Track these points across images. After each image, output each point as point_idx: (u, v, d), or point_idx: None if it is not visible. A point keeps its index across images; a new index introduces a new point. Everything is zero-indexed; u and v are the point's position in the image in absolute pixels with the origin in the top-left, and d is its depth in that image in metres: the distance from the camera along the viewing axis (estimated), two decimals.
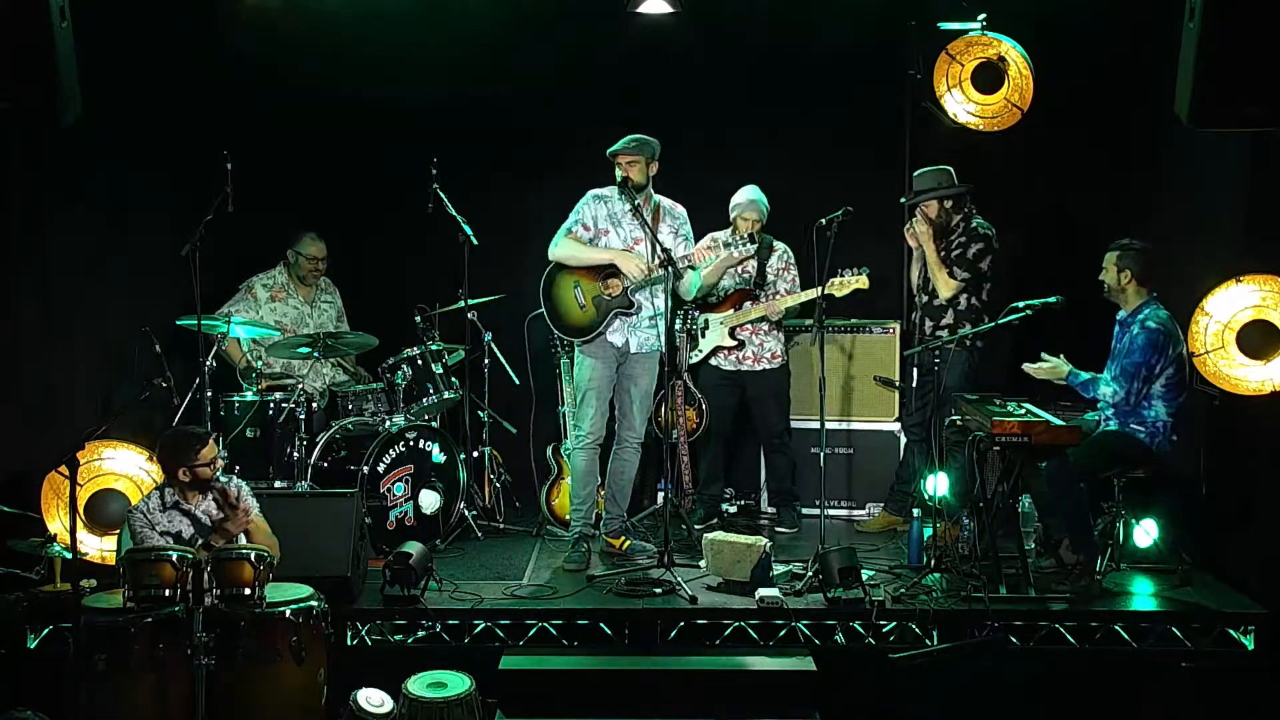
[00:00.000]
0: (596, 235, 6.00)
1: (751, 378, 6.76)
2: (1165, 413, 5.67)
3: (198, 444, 5.06)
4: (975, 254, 6.29)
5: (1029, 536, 6.01)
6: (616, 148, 5.89)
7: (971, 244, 6.30)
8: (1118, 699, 5.30)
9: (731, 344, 6.71)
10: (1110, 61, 6.67)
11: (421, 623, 5.41)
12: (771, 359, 6.74)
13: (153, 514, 5.05)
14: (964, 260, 6.30)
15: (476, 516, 6.72)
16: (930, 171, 6.35)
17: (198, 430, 5.31)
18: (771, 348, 6.74)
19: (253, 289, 6.84)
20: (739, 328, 6.70)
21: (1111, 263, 5.76)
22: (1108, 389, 5.69)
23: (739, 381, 6.78)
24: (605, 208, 6.01)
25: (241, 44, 6.72)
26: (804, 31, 6.90)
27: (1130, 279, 5.73)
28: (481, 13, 6.82)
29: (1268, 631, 5.33)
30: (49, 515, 5.82)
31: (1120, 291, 5.77)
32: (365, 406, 6.61)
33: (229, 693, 4.63)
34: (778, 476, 6.90)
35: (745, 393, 6.80)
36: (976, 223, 6.35)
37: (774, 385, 6.77)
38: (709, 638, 5.41)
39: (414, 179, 6.64)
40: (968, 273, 6.29)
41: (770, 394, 6.76)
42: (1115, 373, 5.70)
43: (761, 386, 6.76)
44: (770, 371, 6.75)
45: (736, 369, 6.76)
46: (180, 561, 4.65)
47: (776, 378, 6.77)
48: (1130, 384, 5.63)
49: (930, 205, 6.32)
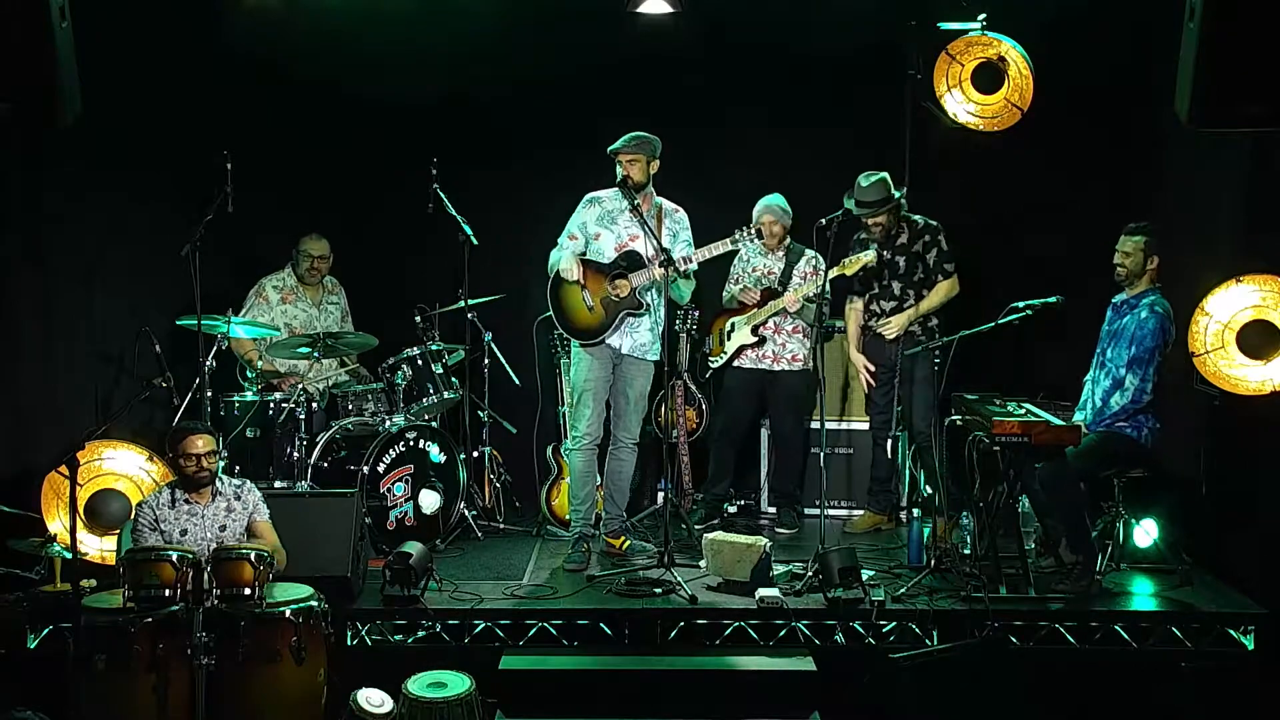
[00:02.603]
0: (587, 240, 6.02)
1: (770, 377, 6.74)
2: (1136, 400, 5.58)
3: (185, 434, 5.09)
4: (949, 244, 6.39)
5: (1029, 536, 6.01)
6: (617, 146, 5.90)
7: (937, 236, 6.40)
8: (1118, 699, 5.30)
9: (753, 340, 6.70)
10: (1110, 61, 6.67)
11: (421, 623, 5.41)
12: (792, 360, 6.71)
13: (160, 509, 5.06)
14: (945, 254, 6.39)
15: (476, 516, 6.72)
16: (876, 181, 6.27)
17: (194, 423, 5.31)
18: (793, 350, 6.71)
19: (263, 291, 6.85)
20: (761, 325, 6.70)
21: (1139, 247, 5.62)
22: (1116, 394, 5.56)
23: (760, 381, 6.76)
24: (598, 209, 6.02)
25: (241, 44, 6.72)
26: (804, 31, 6.90)
27: (1157, 263, 5.61)
28: (481, 13, 6.82)
29: (1268, 631, 5.33)
30: (49, 515, 5.82)
31: (1139, 276, 5.64)
32: (365, 406, 6.61)
33: (229, 693, 4.62)
34: (782, 478, 6.89)
35: (766, 393, 6.79)
36: (919, 218, 6.44)
37: (791, 387, 6.73)
38: (709, 638, 5.41)
39: (414, 179, 6.65)
40: (953, 262, 6.38)
41: (786, 395, 6.73)
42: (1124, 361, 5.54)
43: (779, 387, 6.74)
44: (789, 373, 6.71)
45: (756, 367, 6.74)
46: (180, 561, 4.65)
47: (795, 380, 6.72)
48: (1145, 370, 5.52)
49: (881, 215, 6.33)
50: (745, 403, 6.80)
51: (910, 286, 6.44)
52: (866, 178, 6.29)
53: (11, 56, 4.31)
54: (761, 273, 6.74)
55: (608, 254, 5.99)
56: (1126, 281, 5.71)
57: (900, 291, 6.46)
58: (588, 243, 6.01)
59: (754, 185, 6.72)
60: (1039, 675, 5.22)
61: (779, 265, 6.72)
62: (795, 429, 6.79)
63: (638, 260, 5.95)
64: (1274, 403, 5.70)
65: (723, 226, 6.39)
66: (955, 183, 7.06)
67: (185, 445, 5.06)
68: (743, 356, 6.76)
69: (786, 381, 6.72)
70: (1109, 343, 5.72)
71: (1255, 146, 5.80)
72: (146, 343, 6.23)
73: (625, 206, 5.96)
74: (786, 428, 6.80)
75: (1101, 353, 5.75)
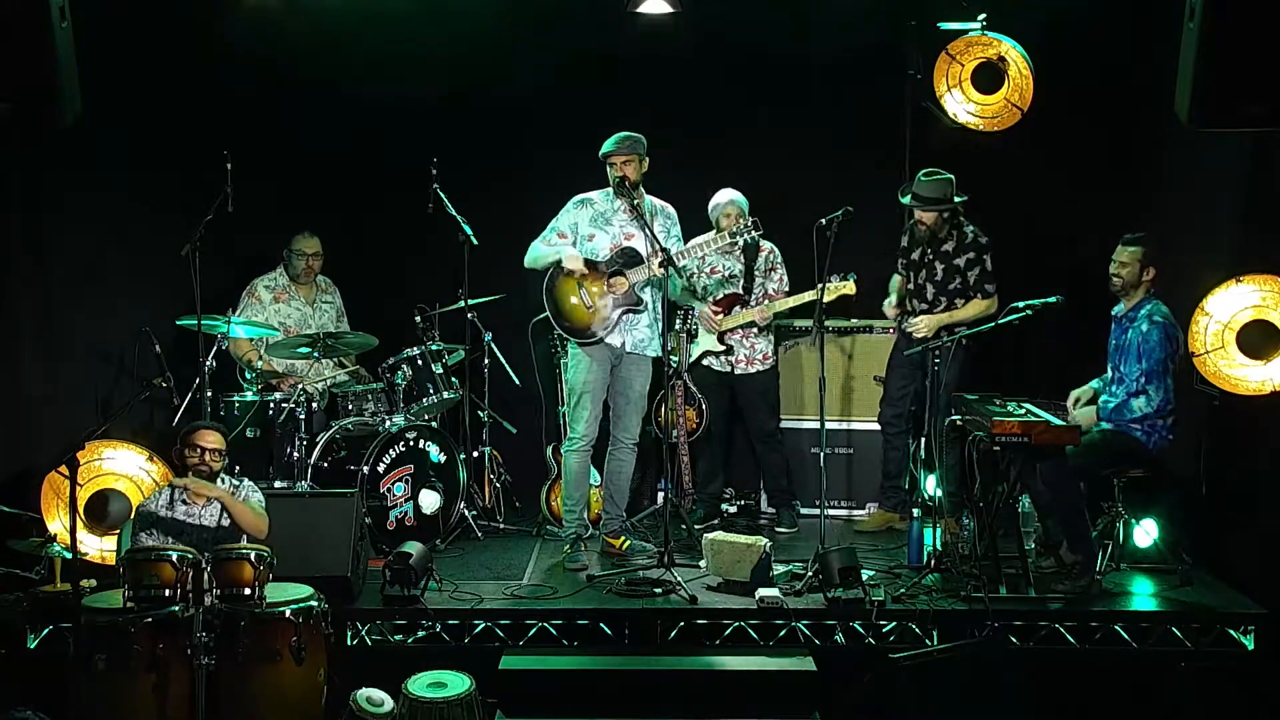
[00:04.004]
0: (579, 241, 6.02)
1: (742, 380, 6.76)
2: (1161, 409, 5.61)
3: (198, 427, 5.21)
4: (993, 263, 6.35)
5: (1029, 536, 6.01)
6: (609, 149, 5.89)
7: (982, 255, 6.35)
8: (1118, 699, 5.30)
9: (720, 349, 6.71)
10: (1110, 61, 6.66)
11: (421, 623, 5.41)
12: (763, 360, 6.75)
13: (159, 510, 5.08)
14: (987, 275, 6.35)
15: (476, 516, 6.72)
16: (938, 180, 6.28)
17: (209, 422, 5.42)
18: (762, 349, 6.74)
19: (255, 291, 6.84)
20: (728, 333, 6.70)
21: (1135, 257, 5.58)
22: (1139, 400, 5.53)
23: (730, 383, 6.79)
24: (590, 210, 6.02)
25: (241, 44, 6.72)
26: (804, 31, 6.91)
27: (1153, 274, 5.58)
28: (481, 13, 6.82)
29: (1268, 631, 5.34)
30: (49, 515, 5.82)
31: (1134, 286, 5.62)
32: (365, 406, 6.61)
33: (229, 693, 4.63)
34: (773, 475, 6.90)
35: (736, 394, 6.81)
36: (972, 230, 6.38)
37: (764, 386, 6.78)
38: (709, 638, 5.41)
39: (414, 179, 6.65)
40: (995, 283, 6.33)
41: (760, 395, 6.77)
42: (1137, 375, 5.52)
43: (752, 388, 6.76)
44: (761, 373, 6.76)
45: (728, 370, 6.76)
46: (180, 561, 4.65)
47: (766, 379, 6.78)
48: (1163, 380, 5.51)
49: (929, 214, 6.32)
50: (718, 402, 6.82)
51: (944, 294, 6.41)
52: (929, 174, 6.31)
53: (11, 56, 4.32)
54: (722, 275, 6.73)
55: (602, 254, 5.99)
56: (1122, 292, 5.68)
57: (933, 297, 6.44)
58: (580, 243, 6.02)
59: (754, 185, 6.71)
60: (1039, 675, 5.22)
61: (738, 266, 6.71)
62: (774, 424, 6.83)
63: (635, 257, 5.95)
64: (1274, 403, 5.70)
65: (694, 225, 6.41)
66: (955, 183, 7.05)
67: (195, 437, 5.15)
68: (711, 358, 6.78)
69: (758, 381, 6.75)
70: (1119, 359, 5.68)
71: (1255, 146, 5.80)
72: (146, 343, 6.23)
73: (619, 207, 5.97)
74: (766, 426, 6.81)
75: (1115, 369, 5.71)
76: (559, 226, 6.05)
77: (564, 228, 6.04)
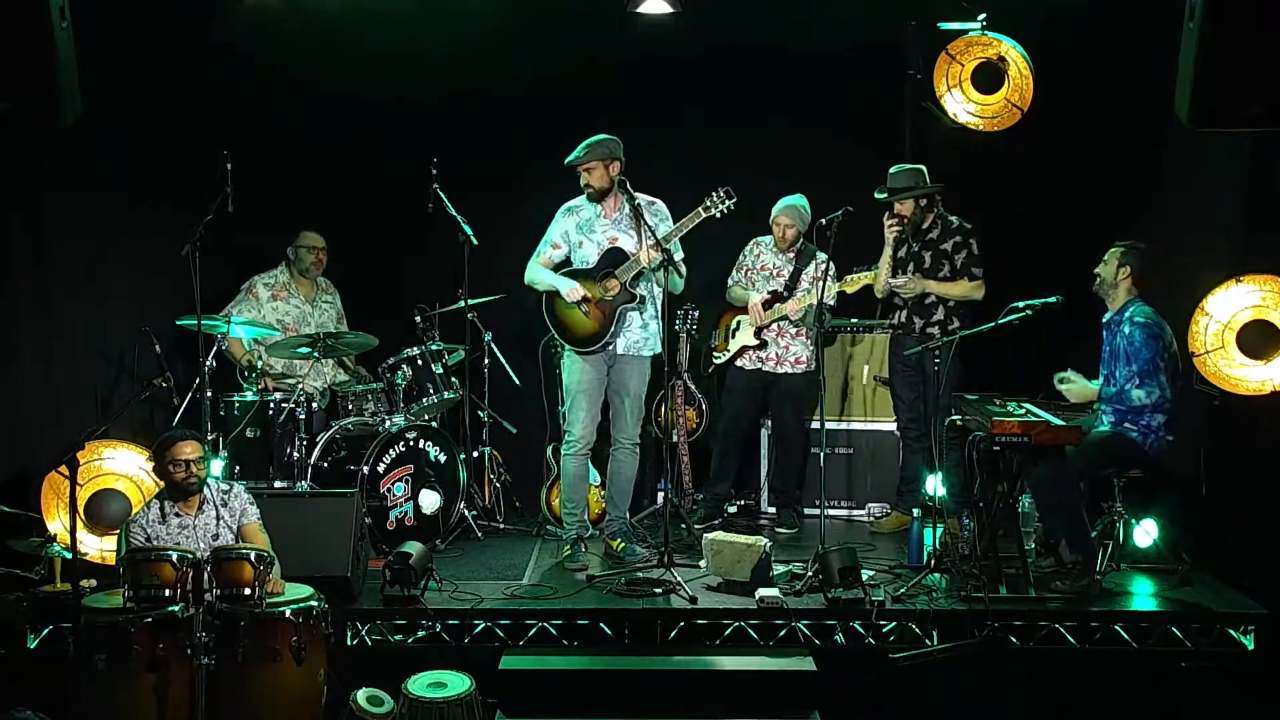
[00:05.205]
0: (571, 249, 6.04)
1: (773, 379, 6.75)
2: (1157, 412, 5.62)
3: (173, 440, 5.04)
4: (979, 248, 6.37)
5: (1029, 536, 6.01)
6: (571, 159, 5.89)
7: (968, 239, 6.38)
8: (1118, 699, 5.30)
9: (755, 343, 6.70)
10: (1110, 61, 6.66)
11: (421, 623, 5.41)
12: (795, 364, 6.72)
13: (151, 526, 5.00)
14: (974, 259, 6.38)
15: (476, 516, 6.72)
16: (907, 170, 6.35)
17: (181, 430, 5.26)
18: (796, 352, 6.71)
19: (254, 289, 6.84)
20: (765, 328, 6.70)
21: (1114, 258, 5.68)
22: (1140, 391, 5.55)
23: (761, 382, 6.77)
24: (576, 218, 6.04)
25: (241, 44, 6.72)
26: (804, 31, 6.91)
27: (1127, 276, 5.66)
28: (481, 13, 6.83)
29: (1268, 631, 5.34)
30: (49, 515, 5.82)
31: (1113, 287, 5.69)
32: (365, 406, 6.61)
33: (229, 693, 4.63)
34: (783, 478, 6.90)
35: (768, 393, 6.79)
36: (955, 218, 6.42)
37: (793, 389, 6.73)
38: (709, 638, 5.41)
39: (414, 179, 6.65)
40: (981, 268, 6.35)
41: (788, 397, 6.74)
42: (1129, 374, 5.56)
43: (781, 389, 6.75)
44: (791, 376, 6.72)
45: (758, 368, 6.75)
46: (180, 561, 4.65)
47: (797, 382, 6.73)
48: (1156, 379, 5.54)
49: (907, 204, 6.34)
50: (747, 402, 6.81)
51: (931, 280, 6.44)
52: (898, 167, 6.35)
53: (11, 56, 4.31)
54: (770, 271, 6.74)
55: (592, 260, 6.00)
56: (1103, 293, 5.74)
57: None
58: (572, 250, 6.03)
59: (754, 185, 6.68)
60: (1039, 675, 5.22)
61: (788, 267, 6.71)
62: (797, 430, 6.79)
63: (622, 257, 5.96)
64: (1274, 403, 5.70)
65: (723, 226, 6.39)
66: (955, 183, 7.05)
67: (175, 451, 5.00)
68: (746, 357, 6.77)
69: (788, 383, 6.73)
70: (1112, 364, 5.71)
71: (1255, 146, 5.79)
72: (146, 343, 6.23)
73: (599, 212, 6.00)
74: (788, 429, 6.80)
75: (1110, 374, 5.73)
76: (552, 238, 6.06)
77: (556, 238, 6.05)
